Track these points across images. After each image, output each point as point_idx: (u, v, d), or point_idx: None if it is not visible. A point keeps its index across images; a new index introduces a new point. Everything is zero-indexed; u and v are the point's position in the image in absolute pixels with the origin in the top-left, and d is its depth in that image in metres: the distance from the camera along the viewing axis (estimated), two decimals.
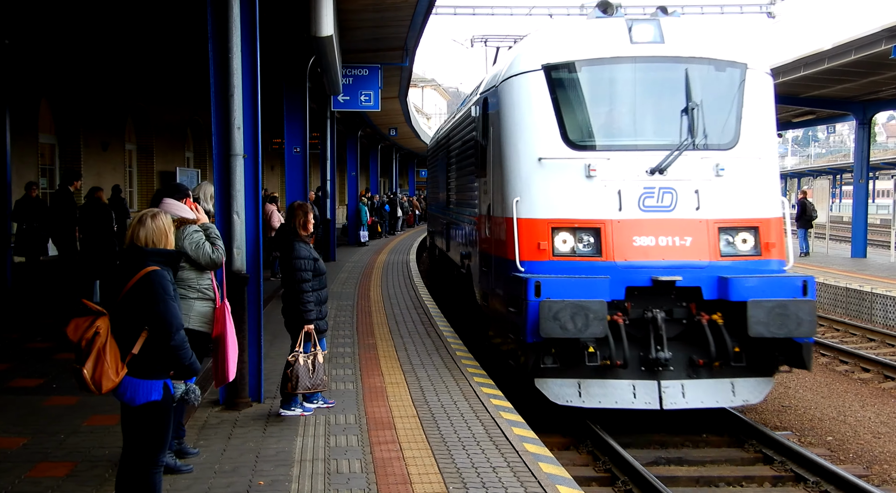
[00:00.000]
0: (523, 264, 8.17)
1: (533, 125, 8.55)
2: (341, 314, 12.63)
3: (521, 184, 8.48)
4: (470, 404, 7.41)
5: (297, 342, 6.92)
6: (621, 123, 8.76)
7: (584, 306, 7.56)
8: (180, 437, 5.88)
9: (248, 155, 7.25)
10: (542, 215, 8.29)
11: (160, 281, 4.34)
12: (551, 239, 8.20)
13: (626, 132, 8.69)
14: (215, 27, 7.07)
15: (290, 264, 6.95)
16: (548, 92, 8.50)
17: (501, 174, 8.80)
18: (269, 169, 31.89)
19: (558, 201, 8.29)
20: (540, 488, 5.34)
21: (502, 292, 8.77)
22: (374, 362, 9.20)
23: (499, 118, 9.01)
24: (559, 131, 8.41)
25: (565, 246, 8.21)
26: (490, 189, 9.42)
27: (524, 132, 8.59)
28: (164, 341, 4.32)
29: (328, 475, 5.57)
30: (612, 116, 8.78)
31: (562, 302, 7.56)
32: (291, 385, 6.79)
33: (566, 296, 7.65)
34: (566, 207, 8.26)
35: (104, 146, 18.12)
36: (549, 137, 8.43)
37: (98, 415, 6.76)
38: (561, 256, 8.19)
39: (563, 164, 8.34)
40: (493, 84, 9.64)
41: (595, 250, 8.18)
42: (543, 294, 7.71)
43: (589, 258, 8.13)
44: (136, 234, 4.47)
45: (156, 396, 4.38)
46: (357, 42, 15.08)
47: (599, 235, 8.17)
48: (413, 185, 56.72)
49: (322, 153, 20.09)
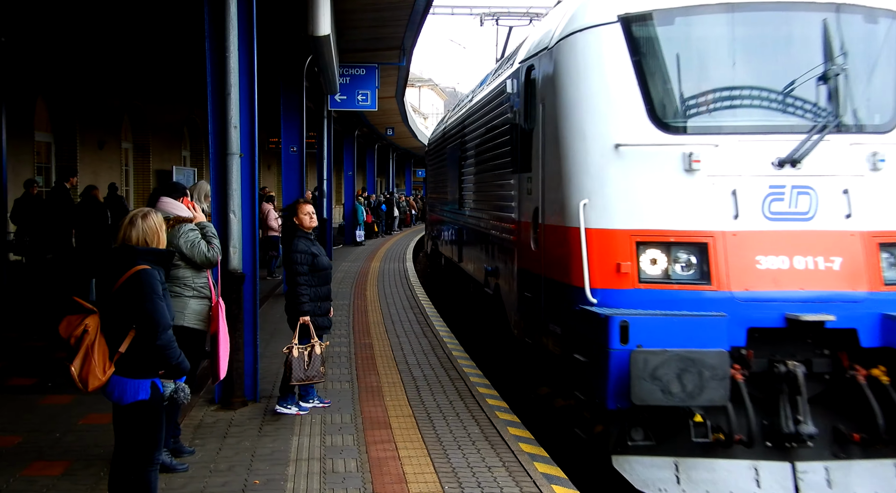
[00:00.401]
0: (596, 294, 6.00)
1: (607, 99, 6.33)
2: (337, 314, 12.61)
3: (590, 180, 6.29)
4: (465, 404, 7.41)
5: (295, 335, 6.94)
6: (735, 94, 6.41)
7: (698, 359, 5.35)
8: (176, 436, 5.88)
9: (244, 154, 7.25)
10: (622, 225, 6.07)
11: (148, 280, 4.34)
12: (636, 258, 6.01)
13: (743, 108, 6.39)
14: (212, 26, 7.07)
15: (287, 258, 7.01)
16: (628, 52, 6.28)
17: (559, 168, 6.64)
18: (266, 168, 31.85)
19: (645, 205, 6.10)
20: (535, 487, 5.35)
21: (561, 330, 6.66)
22: (370, 362, 9.20)
23: (554, 91, 6.79)
24: (645, 107, 6.20)
25: (656, 268, 6.00)
26: (538, 188, 7.32)
27: (594, 109, 6.38)
28: (151, 340, 4.31)
29: (324, 475, 5.57)
30: (722, 84, 6.40)
31: (663, 353, 5.37)
32: (285, 376, 6.87)
33: (668, 343, 5.47)
34: (657, 214, 6.07)
35: (100, 145, 18.07)
36: (631, 116, 6.23)
37: (94, 414, 6.75)
38: (650, 282, 5.99)
39: (651, 152, 6.15)
40: (542, 46, 7.34)
41: (700, 274, 5.96)
42: (633, 339, 5.50)
43: (692, 286, 5.92)
44: (128, 234, 4.48)
45: (143, 395, 4.37)
46: (354, 41, 15.07)
47: (706, 252, 5.94)
48: (410, 184, 56.74)
49: (319, 153, 20.07)
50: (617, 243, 6.08)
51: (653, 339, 5.50)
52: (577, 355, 6.17)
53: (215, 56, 7.10)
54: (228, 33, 6.99)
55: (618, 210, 6.16)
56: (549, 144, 6.99)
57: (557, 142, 6.71)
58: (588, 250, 6.07)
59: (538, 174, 7.33)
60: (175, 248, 5.74)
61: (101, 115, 18.23)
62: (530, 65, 7.75)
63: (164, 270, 4.57)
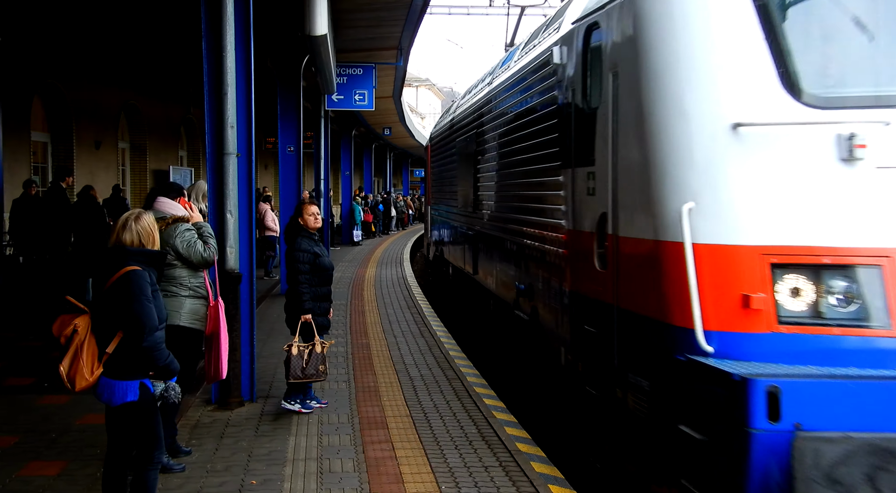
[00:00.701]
0: (713, 339, 4.39)
1: (718, 61, 4.69)
2: (335, 314, 12.58)
3: (695, 176, 4.68)
4: (463, 404, 7.41)
5: (295, 333, 6.95)
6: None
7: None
8: (173, 436, 5.87)
9: (241, 154, 7.25)
10: (749, 239, 4.49)
11: (137, 281, 4.32)
12: (772, 287, 4.38)
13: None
14: (209, 25, 7.06)
15: (289, 256, 7.03)
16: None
17: (645, 158, 4.98)
18: (263, 168, 31.84)
19: (783, 211, 4.48)
20: (532, 487, 5.34)
21: (650, 385, 4.93)
22: (367, 362, 9.19)
23: (636, 54, 5.13)
24: (776, 70, 4.55)
25: (800, 302, 4.35)
26: (605, 186, 5.61)
27: (701, 75, 4.72)
28: (137, 341, 4.29)
29: (321, 475, 5.56)
30: (890, 41, 4.63)
31: (845, 441, 3.72)
32: (284, 373, 6.90)
33: (846, 422, 3.78)
34: (800, 223, 4.44)
35: (97, 144, 18.04)
36: (757, 83, 4.58)
37: (91, 414, 6.74)
38: (794, 322, 4.33)
39: (788, 134, 4.52)
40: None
41: (867, 311, 4.27)
42: (788, 415, 3.80)
43: (856, 330, 4.23)
44: (122, 237, 4.47)
45: (131, 396, 4.36)
46: (351, 41, 15.06)
47: (879, 280, 4.26)
48: (407, 184, 56.78)
49: (316, 152, 20.05)
50: (742, 266, 4.43)
51: (821, 415, 3.77)
52: (684, 427, 4.40)
53: (212, 55, 7.09)
54: (225, 33, 6.98)
55: (742, 218, 4.51)
56: (625, 126, 5.31)
57: (642, 123, 5.00)
58: (698, 276, 4.42)
59: (606, 168, 5.59)
60: (171, 247, 5.74)
61: (97, 114, 18.20)
62: (591, 23, 5.99)
63: (156, 271, 4.55)
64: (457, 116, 14.01)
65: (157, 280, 4.60)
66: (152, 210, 5.92)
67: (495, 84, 10.38)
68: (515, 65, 9.31)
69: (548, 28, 8.17)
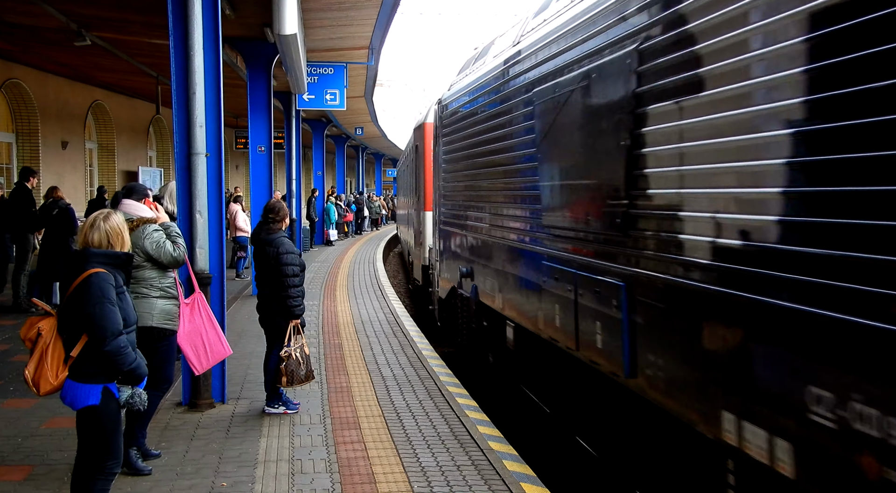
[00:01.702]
0: None
1: None
2: (306, 314, 12.55)
3: None
4: (435, 404, 7.40)
5: (286, 337, 6.92)
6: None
7: None
8: (142, 438, 5.80)
9: (210, 154, 7.18)
10: None
11: (100, 284, 4.24)
12: None
13: None
14: (176, 23, 6.99)
15: (278, 259, 6.90)
16: None
17: None
18: (234, 169, 31.61)
19: None
20: (504, 486, 5.35)
21: None
22: (339, 362, 9.16)
23: None
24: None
25: None
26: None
27: None
28: (99, 345, 4.21)
29: (292, 476, 5.53)
30: None
31: None
32: (287, 380, 6.84)
33: None
34: None
35: (64, 144, 17.80)
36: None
37: (57, 418, 6.64)
38: None
39: None
40: None
41: None
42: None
43: None
44: (90, 237, 4.40)
45: (93, 400, 4.27)
46: (322, 41, 14.99)
47: None
48: (379, 184, 56.70)
49: (287, 152, 19.94)
50: None
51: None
52: None
53: (180, 54, 7.01)
54: (193, 31, 6.91)
55: None
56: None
57: None
58: None
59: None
60: (140, 249, 5.68)
61: (64, 113, 17.95)
62: None
63: (123, 273, 4.48)
64: (517, 61, 7.88)
65: (126, 283, 4.54)
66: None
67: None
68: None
69: None
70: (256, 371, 8.22)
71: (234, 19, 11.49)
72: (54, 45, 13.67)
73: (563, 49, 6.49)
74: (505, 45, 8.98)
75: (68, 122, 18.19)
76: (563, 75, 6.42)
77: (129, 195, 6.06)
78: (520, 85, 7.75)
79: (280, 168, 23.55)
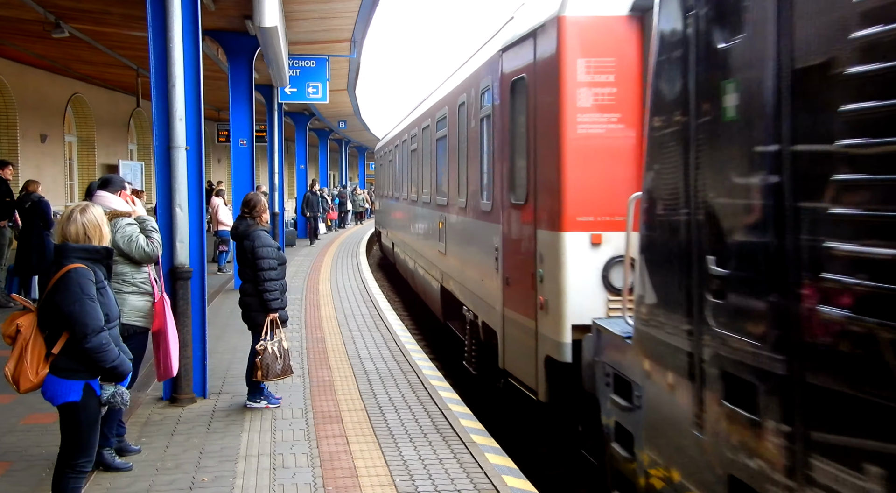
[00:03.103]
0: None
1: None
2: (289, 308, 12.50)
3: None
4: (418, 397, 7.40)
5: (263, 332, 6.87)
6: None
7: None
8: (120, 435, 5.76)
9: (190, 147, 7.12)
10: None
11: (78, 280, 4.18)
12: None
13: None
14: (155, 15, 6.92)
15: (254, 253, 6.85)
16: None
17: None
18: (217, 162, 31.41)
19: None
20: (486, 479, 5.36)
21: None
22: (322, 356, 9.14)
23: None
24: None
25: None
26: None
27: None
28: (80, 343, 4.16)
29: (274, 470, 5.51)
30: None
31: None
32: (262, 374, 6.78)
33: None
34: None
35: (43, 138, 17.59)
36: None
37: (35, 414, 6.59)
38: None
39: None
40: None
41: None
42: None
43: None
44: (66, 230, 4.33)
45: (74, 397, 4.23)
46: (303, 33, 14.89)
47: None
48: (363, 178, 56.54)
49: (270, 146, 19.82)
50: None
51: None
52: None
53: (159, 46, 6.94)
54: (172, 22, 6.85)
55: None
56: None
57: None
58: None
59: None
60: (112, 243, 5.61)
61: (43, 106, 17.74)
62: None
63: (103, 267, 4.41)
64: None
65: (107, 277, 4.48)
66: None
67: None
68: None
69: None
70: (238, 366, 8.19)
71: (215, 11, 11.41)
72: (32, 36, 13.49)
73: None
74: None
75: (47, 115, 17.97)
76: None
77: (104, 187, 5.96)
78: None
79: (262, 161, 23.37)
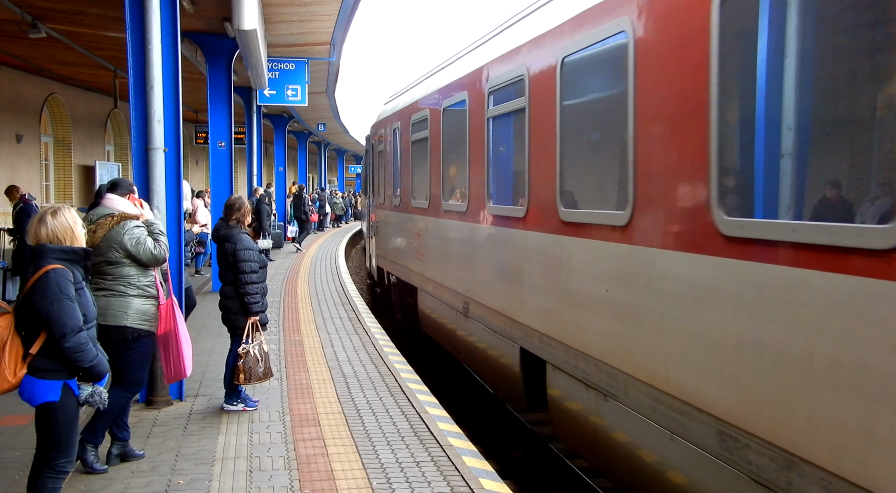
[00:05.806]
0: None
1: None
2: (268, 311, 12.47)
3: None
4: (396, 400, 7.42)
5: (245, 335, 6.87)
6: None
7: None
8: (125, 439, 5.73)
9: (169, 149, 7.10)
10: None
11: (57, 280, 4.18)
12: None
13: None
14: (133, 16, 6.89)
15: (235, 256, 6.85)
16: None
17: None
18: (194, 164, 31.23)
19: None
20: (463, 482, 5.39)
21: None
22: (300, 359, 9.12)
23: None
24: None
25: None
26: None
27: None
28: (58, 343, 4.16)
29: (250, 473, 5.51)
30: None
31: None
32: (244, 377, 6.79)
33: None
34: None
35: (18, 138, 17.42)
36: None
37: (9, 415, 6.53)
38: None
39: None
40: None
41: None
42: None
43: None
44: (38, 232, 4.33)
45: (52, 397, 4.22)
46: (283, 36, 14.87)
47: None
48: (342, 181, 56.51)
49: (248, 148, 19.74)
50: None
51: None
52: None
53: (138, 47, 6.92)
54: (150, 24, 6.83)
55: None
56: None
57: None
58: None
59: None
60: (119, 246, 5.60)
61: (18, 106, 17.57)
62: None
63: (80, 268, 4.42)
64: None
65: (85, 278, 4.48)
66: (100, 207, 5.78)
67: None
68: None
69: None
70: (215, 369, 8.16)
71: (193, 13, 11.36)
72: (8, 37, 13.36)
73: None
74: None
75: (23, 115, 17.79)
76: None
77: (112, 189, 5.97)
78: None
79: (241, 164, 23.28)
